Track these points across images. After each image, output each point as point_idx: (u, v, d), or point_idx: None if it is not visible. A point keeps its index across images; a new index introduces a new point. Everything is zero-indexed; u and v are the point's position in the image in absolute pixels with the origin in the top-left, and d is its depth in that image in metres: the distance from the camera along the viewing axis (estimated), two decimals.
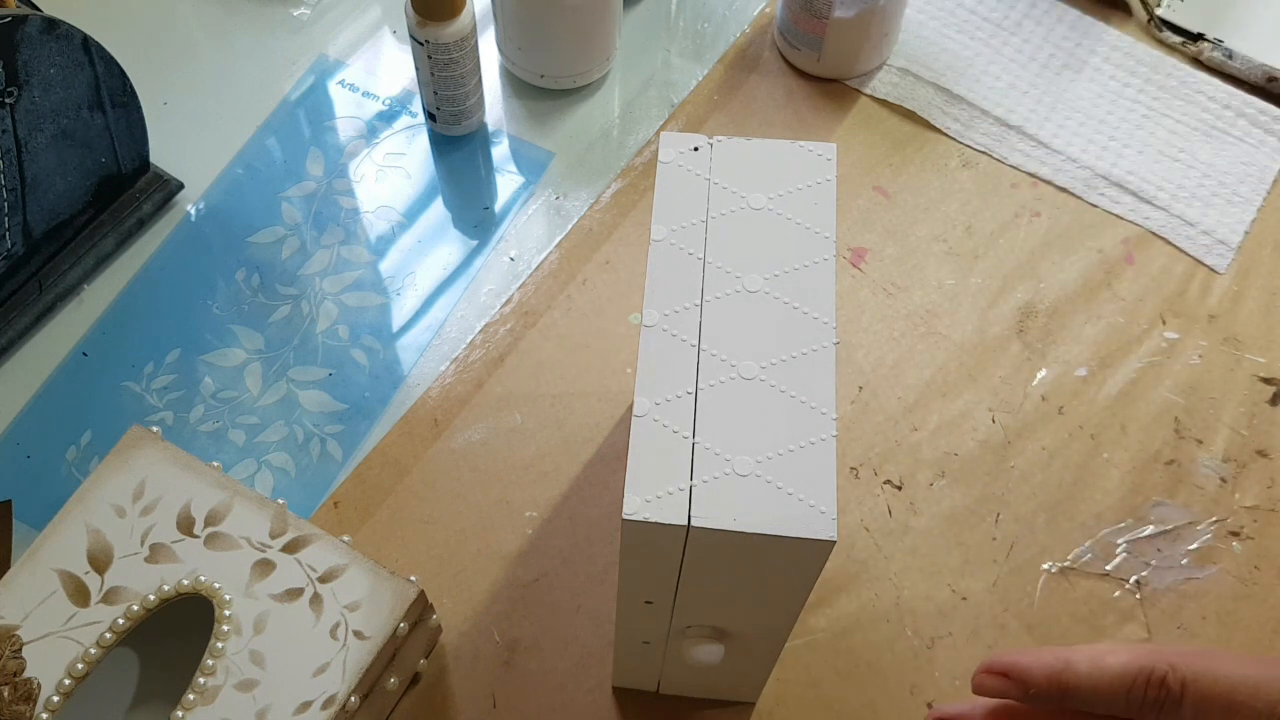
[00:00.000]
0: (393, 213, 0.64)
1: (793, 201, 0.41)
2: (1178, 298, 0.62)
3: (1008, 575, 0.53)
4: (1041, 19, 0.71)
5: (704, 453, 0.35)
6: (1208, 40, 0.69)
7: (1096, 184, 0.65)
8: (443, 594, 0.52)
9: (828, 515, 0.34)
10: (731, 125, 0.67)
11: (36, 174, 0.56)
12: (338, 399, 0.58)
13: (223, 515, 0.47)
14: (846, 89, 0.69)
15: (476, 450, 0.56)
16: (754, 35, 0.71)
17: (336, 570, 0.46)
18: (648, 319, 0.38)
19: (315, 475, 0.56)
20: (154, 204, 0.63)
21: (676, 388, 0.37)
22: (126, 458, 0.48)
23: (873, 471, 0.56)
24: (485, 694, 0.50)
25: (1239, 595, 0.53)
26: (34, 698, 0.42)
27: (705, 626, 0.42)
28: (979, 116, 0.68)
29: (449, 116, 0.65)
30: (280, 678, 0.43)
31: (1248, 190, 0.65)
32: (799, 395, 0.36)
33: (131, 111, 0.60)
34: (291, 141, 0.67)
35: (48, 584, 0.45)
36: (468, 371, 0.59)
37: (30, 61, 0.52)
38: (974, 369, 0.59)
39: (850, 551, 0.54)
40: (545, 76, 0.67)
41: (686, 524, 0.34)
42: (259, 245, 0.63)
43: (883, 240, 0.63)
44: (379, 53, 0.71)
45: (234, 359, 0.59)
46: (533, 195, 0.65)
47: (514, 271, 0.62)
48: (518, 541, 0.54)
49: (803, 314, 0.38)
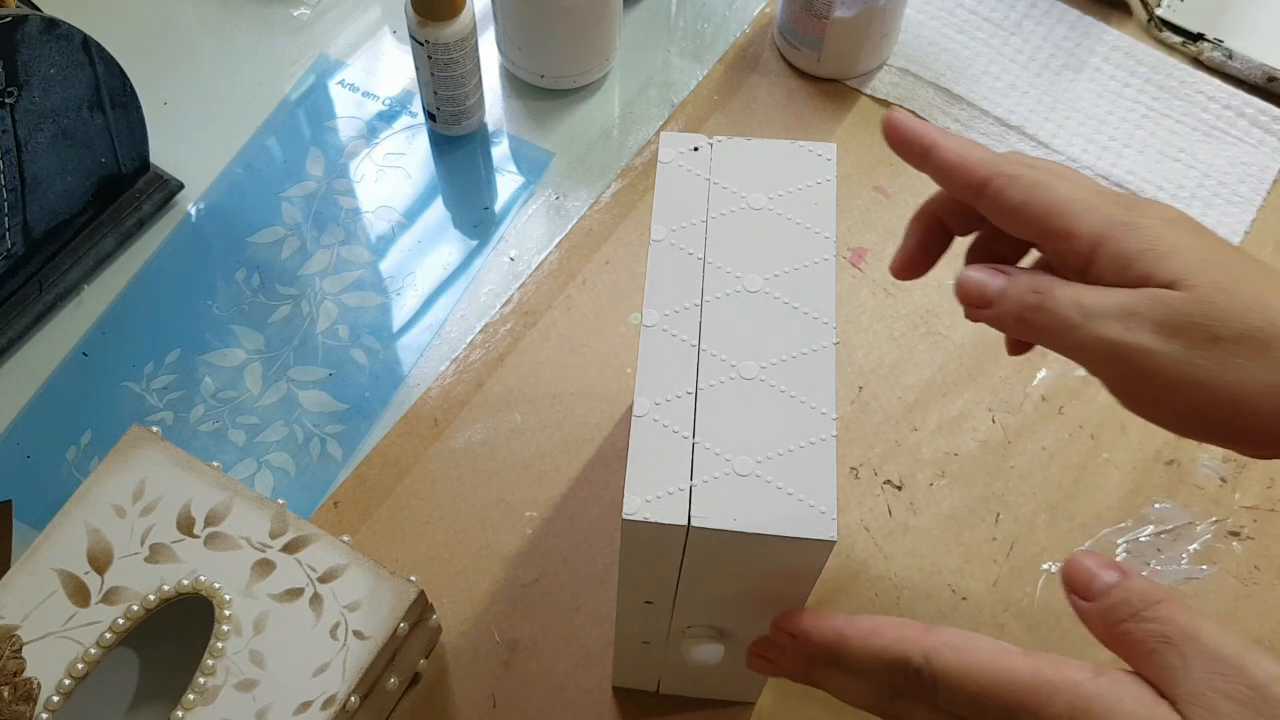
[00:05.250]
0: (393, 213, 0.64)
1: (793, 201, 0.41)
2: None
3: (1008, 575, 0.53)
4: (1041, 19, 0.71)
5: (704, 453, 0.35)
6: (1208, 40, 0.69)
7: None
8: (443, 594, 0.52)
9: (828, 515, 0.34)
10: (731, 125, 0.67)
11: (36, 174, 0.56)
12: (338, 399, 0.58)
13: (223, 515, 0.47)
14: (846, 89, 0.69)
15: (476, 450, 0.56)
16: (754, 35, 0.71)
17: (336, 570, 0.46)
18: (648, 319, 0.38)
19: (315, 475, 0.56)
20: (154, 204, 0.63)
21: (676, 388, 0.37)
22: (126, 458, 0.48)
23: (873, 471, 0.56)
24: (485, 694, 0.50)
25: (1239, 595, 0.53)
26: (34, 698, 0.42)
27: (705, 626, 0.42)
28: (979, 116, 0.68)
29: (449, 116, 0.65)
30: (280, 678, 0.43)
31: (1248, 190, 0.65)
32: (799, 395, 0.36)
33: (131, 111, 0.60)
34: (291, 141, 0.67)
35: (48, 584, 0.45)
36: (468, 371, 0.59)
37: (30, 61, 0.52)
38: (974, 369, 0.59)
39: (850, 551, 0.54)
40: (545, 76, 0.67)
41: (686, 524, 0.34)
42: (259, 245, 0.63)
43: (883, 240, 0.63)
44: (379, 53, 0.71)
45: (234, 359, 0.59)
46: (533, 195, 0.65)
47: (514, 271, 0.62)
48: (518, 541, 0.54)
49: (803, 314, 0.38)
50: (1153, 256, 0.33)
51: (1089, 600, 0.33)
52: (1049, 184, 0.35)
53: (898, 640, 0.34)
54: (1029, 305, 0.34)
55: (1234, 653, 0.29)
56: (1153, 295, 0.33)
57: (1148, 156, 0.66)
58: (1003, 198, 0.36)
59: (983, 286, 0.36)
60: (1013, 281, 0.35)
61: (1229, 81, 0.69)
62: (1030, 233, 0.36)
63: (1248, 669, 0.29)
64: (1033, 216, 0.35)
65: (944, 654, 0.32)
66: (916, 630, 0.34)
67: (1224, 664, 0.29)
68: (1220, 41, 0.69)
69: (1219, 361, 0.32)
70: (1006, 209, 0.36)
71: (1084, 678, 0.30)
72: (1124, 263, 0.33)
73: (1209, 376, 0.32)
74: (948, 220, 0.40)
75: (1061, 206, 0.35)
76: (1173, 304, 0.32)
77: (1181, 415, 0.33)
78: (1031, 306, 0.34)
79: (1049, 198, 0.35)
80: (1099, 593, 0.33)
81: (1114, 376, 0.34)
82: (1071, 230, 0.34)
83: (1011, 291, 0.35)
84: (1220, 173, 0.65)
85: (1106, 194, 0.35)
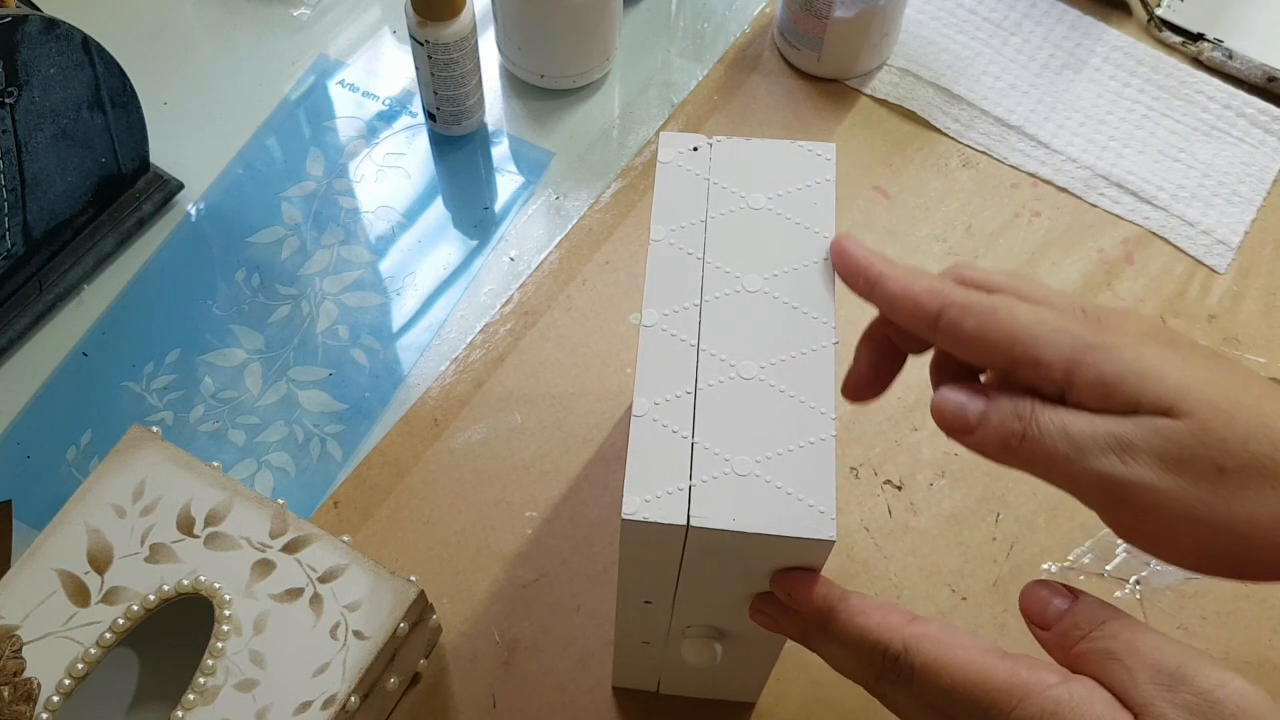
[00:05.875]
0: (393, 213, 0.64)
1: (792, 201, 0.41)
2: (1178, 298, 0.62)
3: (1008, 575, 0.53)
4: (1041, 19, 0.71)
5: (703, 452, 0.35)
6: (1208, 40, 0.69)
7: (1096, 184, 0.65)
8: (443, 594, 0.52)
9: (827, 515, 0.34)
10: (731, 125, 0.67)
11: (36, 174, 0.56)
12: (338, 399, 0.58)
13: (223, 515, 0.47)
14: (846, 89, 0.69)
15: (476, 450, 0.56)
16: (754, 35, 0.71)
17: (336, 570, 0.46)
18: (647, 319, 0.38)
19: (315, 475, 0.56)
20: (154, 204, 0.63)
21: (676, 387, 0.37)
22: (126, 458, 0.48)
23: (873, 471, 0.56)
24: (485, 694, 0.50)
25: (1239, 595, 0.53)
26: (34, 698, 0.42)
27: (705, 626, 0.42)
28: (979, 116, 0.68)
29: (449, 116, 0.65)
30: (280, 678, 0.43)
31: (1248, 190, 0.65)
32: (799, 395, 0.36)
33: (131, 111, 0.60)
34: (291, 141, 0.67)
35: (48, 584, 0.45)
36: (468, 371, 0.59)
37: (30, 61, 0.52)
38: None
39: (850, 551, 0.54)
40: (545, 76, 0.67)
41: (685, 524, 0.34)
42: (259, 245, 0.63)
43: (883, 240, 0.63)
44: (379, 53, 0.71)
45: (234, 359, 0.59)
46: (533, 195, 0.65)
47: (514, 271, 0.62)
48: (518, 541, 0.54)
49: (802, 314, 0.38)
50: (1136, 379, 0.31)
51: (1046, 629, 0.33)
52: (1005, 309, 0.33)
53: (880, 625, 0.34)
54: (1013, 433, 0.33)
55: (1176, 663, 0.30)
56: (1148, 426, 0.31)
57: (1148, 156, 0.66)
58: (958, 330, 0.34)
59: (961, 410, 0.34)
60: (994, 407, 0.33)
61: (1229, 81, 0.69)
62: (994, 363, 0.34)
63: (1191, 677, 0.29)
64: (995, 347, 0.33)
65: (924, 645, 0.33)
66: (900, 618, 0.34)
67: (1167, 674, 0.30)
68: (1220, 41, 0.69)
69: (1227, 497, 0.30)
70: (964, 341, 0.34)
71: (1056, 681, 0.31)
72: (1105, 389, 0.31)
73: (1217, 514, 0.30)
74: (898, 341, 0.38)
75: (1022, 333, 0.33)
76: (1172, 435, 0.30)
77: (1187, 551, 0.31)
78: (1016, 434, 0.32)
79: (1008, 325, 0.33)
80: (1053, 620, 0.33)
81: (1111, 512, 0.32)
82: (1039, 359, 0.32)
83: (993, 418, 0.33)
84: (1220, 173, 0.65)
85: (1068, 309, 0.33)
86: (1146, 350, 0.32)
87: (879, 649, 0.34)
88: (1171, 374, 0.31)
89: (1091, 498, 0.32)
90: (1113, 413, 0.31)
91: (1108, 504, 0.32)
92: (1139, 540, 0.32)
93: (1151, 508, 0.31)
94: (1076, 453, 0.31)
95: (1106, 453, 0.31)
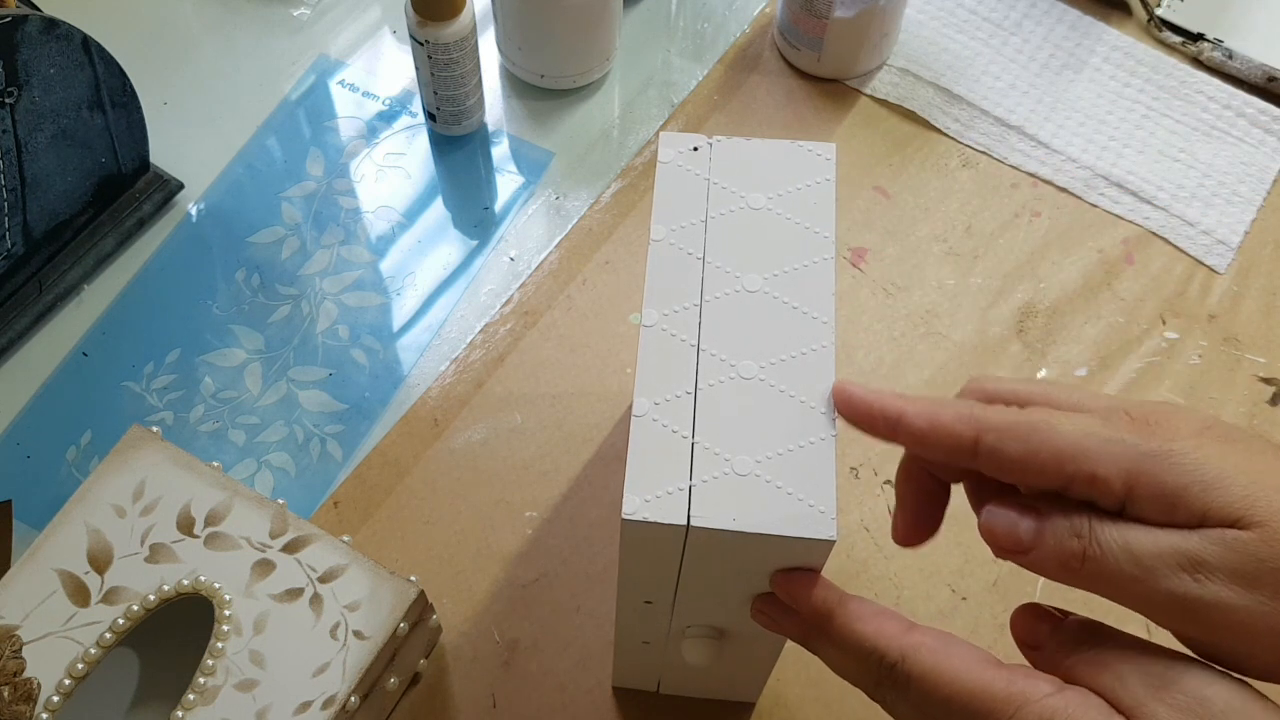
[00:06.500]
0: (393, 213, 0.64)
1: (792, 201, 0.41)
2: (1178, 298, 0.62)
3: (1008, 575, 0.53)
4: (1041, 19, 0.71)
5: (703, 452, 0.35)
6: (1208, 40, 0.69)
7: (1096, 184, 0.65)
8: (443, 594, 0.52)
9: (827, 515, 0.34)
10: (731, 125, 0.67)
11: (36, 174, 0.56)
12: (338, 399, 0.58)
13: (223, 515, 0.47)
14: (846, 89, 0.69)
15: (476, 450, 0.56)
16: (754, 35, 0.71)
17: (336, 570, 0.46)
18: (647, 319, 0.38)
19: (315, 475, 0.56)
20: (154, 204, 0.63)
21: (676, 387, 0.37)
22: (126, 458, 0.48)
23: (873, 471, 0.56)
24: (485, 694, 0.50)
25: None
26: (34, 698, 0.42)
27: (705, 626, 0.42)
28: (979, 116, 0.68)
29: (449, 116, 0.65)
30: (280, 678, 0.43)
31: (1248, 190, 0.65)
32: (799, 395, 0.36)
33: (131, 111, 0.60)
34: (291, 141, 0.67)
35: (48, 584, 0.45)
36: (468, 371, 0.59)
37: (30, 61, 0.52)
38: (974, 369, 0.59)
39: (850, 551, 0.54)
40: (545, 76, 0.67)
41: (686, 524, 0.34)
42: (259, 245, 0.63)
43: (883, 240, 0.63)
44: (379, 53, 0.71)
45: (234, 359, 0.59)
46: (533, 195, 0.65)
47: (514, 271, 0.62)
48: (518, 541, 0.54)
49: (802, 314, 0.38)
50: (1200, 490, 0.29)
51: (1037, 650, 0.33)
52: (1045, 426, 0.32)
53: (877, 633, 0.34)
54: (1073, 553, 0.31)
55: (1165, 666, 0.30)
56: (1219, 540, 0.29)
57: (1148, 156, 0.66)
58: (1001, 455, 0.32)
59: (1013, 530, 0.32)
60: (1049, 526, 0.31)
61: (1229, 81, 0.69)
62: (1045, 484, 0.32)
63: (1180, 679, 0.29)
64: (1044, 468, 0.31)
65: (920, 655, 0.32)
66: (897, 626, 0.34)
67: (1155, 676, 0.30)
68: (1220, 41, 0.69)
69: None
70: (1009, 466, 0.32)
71: (1051, 690, 0.31)
72: (1168, 502, 0.30)
73: None
74: (937, 472, 0.37)
75: (1072, 450, 0.31)
76: (1245, 549, 0.29)
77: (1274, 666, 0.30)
78: (1076, 554, 0.31)
79: (1054, 443, 0.31)
80: (1044, 640, 0.33)
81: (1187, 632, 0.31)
82: (1094, 474, 0.31)
83: (1049, 539, 0.31)
84: (1220, 173, 0.65)
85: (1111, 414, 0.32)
86: (1207, 453, 0.30)
87: (875, 657, 0.33)
88: (1237, 480, 0.30)
89: (1163, 618, 0.31)
90: (1177, 526, 0.30)
91: (1182, 623, 0.30)
92: (1219, 658, 0.31)
93: (1230, 626, 0.29)
94: (1144, 572, 0.30)
95: (1177, 571, 0.29)
